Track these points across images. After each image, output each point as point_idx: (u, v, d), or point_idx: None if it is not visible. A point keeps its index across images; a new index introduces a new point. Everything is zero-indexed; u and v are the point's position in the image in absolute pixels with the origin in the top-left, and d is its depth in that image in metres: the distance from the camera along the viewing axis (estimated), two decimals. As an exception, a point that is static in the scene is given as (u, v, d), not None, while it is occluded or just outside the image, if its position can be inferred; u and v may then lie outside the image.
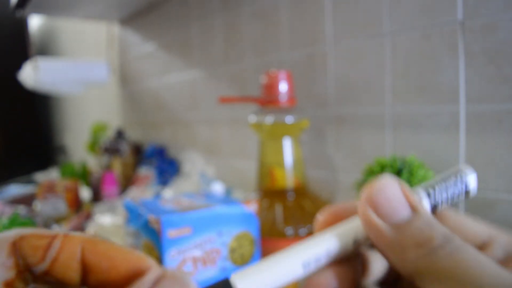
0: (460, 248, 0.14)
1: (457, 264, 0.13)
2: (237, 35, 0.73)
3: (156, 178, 0.88)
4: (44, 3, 0.95)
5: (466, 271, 0.13)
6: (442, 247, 0.14)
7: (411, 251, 0.14)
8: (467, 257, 0.13)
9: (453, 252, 0.14)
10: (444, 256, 0.14)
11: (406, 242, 0.14)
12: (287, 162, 0.47)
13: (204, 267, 0.36)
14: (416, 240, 0.14)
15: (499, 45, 0.38)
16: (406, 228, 0.15)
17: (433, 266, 0.14)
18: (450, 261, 0.13)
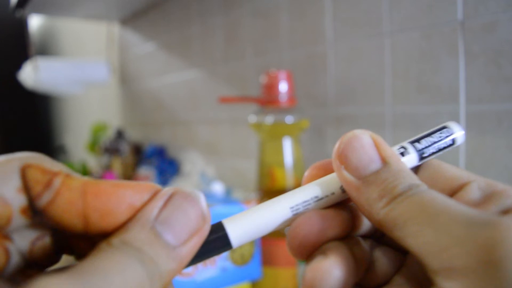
0: (423, 192, 0.13)
1: (417, 207, 0.13)
2: (237, 34, 0.73)
3: (156, 178, 0.88)
4: (44, 3, 0.95)
5: (426, 212, 0.13)
6: (404, 193, 0.13)
7: (375, 202, 0.14)
8: (429, 200, 0.13)
9: (414, 196, 0.13)
10: (404, 201, 0.13)
11: (372, 194, 0.14)
12: (287, 162, 0.47)
13: (204, 267, 0.36)
14: (380, 190, 0.14)
15: (499, 45, 0.38)
16: (372, 180, 0.14)
17: (393, 213, 0.13)
18: (410, 205, 0.13)
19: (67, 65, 1.13)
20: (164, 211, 0.13)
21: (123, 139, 1.05)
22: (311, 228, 0.15)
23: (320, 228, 0.15)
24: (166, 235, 0.13)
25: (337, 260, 0.14)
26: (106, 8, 1.04)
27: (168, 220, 0.13)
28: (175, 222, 0.13)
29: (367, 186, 0.14)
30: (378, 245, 0.17)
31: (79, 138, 1.60)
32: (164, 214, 0.13)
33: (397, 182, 0.14)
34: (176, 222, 0.13)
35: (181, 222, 0.13)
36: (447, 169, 0.16)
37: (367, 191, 0.14)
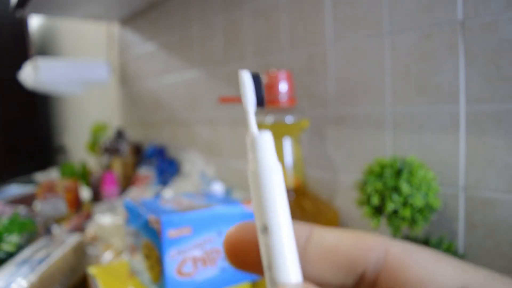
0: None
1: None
2: (237, 35, 0.73)
3: (156, 178, 0.88)
4: (44, 3, 0.95)
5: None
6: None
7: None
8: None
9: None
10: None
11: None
12: (287, 162, 0.47)
13: (204, 267, 0.36)
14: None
15: (499, 45, 0.38)
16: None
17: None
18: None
19: (67, 65, 1.13)
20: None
21: (123, 139, 1.05)
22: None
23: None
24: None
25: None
26: (106, 8, 1.04)
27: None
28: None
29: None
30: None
31: (79, 138, 1.60)
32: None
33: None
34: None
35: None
36: (433, 273, 0.12)
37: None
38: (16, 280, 0.43)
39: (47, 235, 0.63)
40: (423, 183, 0.38)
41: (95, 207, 0.76)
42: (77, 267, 0.52)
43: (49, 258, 0.48)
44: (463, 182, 0.42)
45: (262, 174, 0.14)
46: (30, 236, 0.61)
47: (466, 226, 0.42)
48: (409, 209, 0.37)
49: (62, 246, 0.52)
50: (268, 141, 0.15)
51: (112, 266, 0.44)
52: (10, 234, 0.58)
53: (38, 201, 0.81)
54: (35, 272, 0.45)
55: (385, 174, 0.39)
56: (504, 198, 0.39)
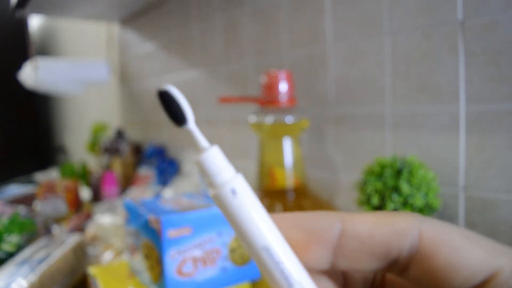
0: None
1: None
2: (237, 35, 0.73)
3: (156, 178, 0.88)
4: (44, 3, 0.95)
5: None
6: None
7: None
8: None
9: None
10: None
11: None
12: (287, 162, 0.47)
13: (204, 267, 0.36)
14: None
15: (499, 45, 0.38)
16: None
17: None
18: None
19: (67, 65, 1.13)
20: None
21: (123, 139, 1.05)
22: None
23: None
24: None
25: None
26: (106, 8, 1.04)
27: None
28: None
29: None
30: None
31: (79, 138, 1.60)
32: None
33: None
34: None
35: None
36: (462, 258, 0.12)
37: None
38: (16, 280, 0.43)
39: (47, 235, 0.63)
40: (423, 183, 0.38)
41: (95, 207, 0.76)
42: (77, 267, 0.52)
43: (49, 258, 0.48)
44: (463, 182, 0.42)
45: (225, 198, 0.13)
46: (30, 236, 0.61)
47: (466, 226, 0.42)
48: (409, 209, 0.37)
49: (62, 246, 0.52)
50: (215, 158, 0.13)
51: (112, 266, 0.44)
52: (10, 234, 0.58)
53: (38, 201, 0.81)
54: (35, 272, 0.45)
55: (385, 174, 0.39)
56: (504, 198, 0.39)
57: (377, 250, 0.13)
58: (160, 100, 0.13)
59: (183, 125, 0.13)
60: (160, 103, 0.13)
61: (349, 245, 0.13)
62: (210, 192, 0.13)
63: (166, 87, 0.13)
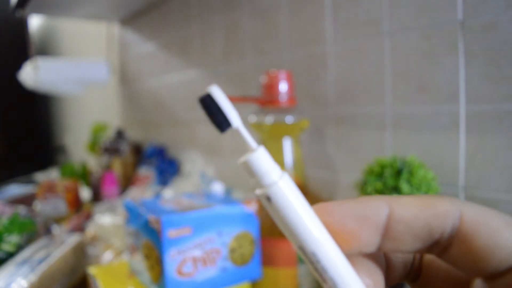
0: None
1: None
2: (237, 34, 0.73)
3: (156, 178, 0.88)
4: (44, 3, 0.95)
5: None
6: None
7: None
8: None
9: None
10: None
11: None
12: (287, 162, 0.47)
13: (204, 267, 0.36)
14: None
15: (499, 45, 0.38)
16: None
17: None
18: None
19: (67, 65, 1.13)
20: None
21: (123, 139, 1.05)
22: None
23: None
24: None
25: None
26: (106, 8, 1.04)
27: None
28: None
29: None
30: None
31: (79, 138, 1.60)
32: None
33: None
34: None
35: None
36: (500, 241, 0.13)
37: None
38: (16, 280, 0.43)
39: (47, 235, 0.63)
40: (423, 183, 0.38)
41: (95, 207, 0.76)
42: (77, 267, 0.52)
43: (49, 258, 0.48)
44: (463, 182, 0.42)
45: (275, 197, 0.13)
46: (30, 236, 0.61)
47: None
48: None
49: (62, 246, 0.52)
50: (262, 159, 0.13)
51: (112, 266, 0.44)
52: (10, 234, 0.58)
53: (38, 201, 0.81)
54: (35, 272, 0.45)
55: (385, 174, 0.39)
56: (504, 198, 0.39)
57: (420, 232, 0.13)
58: (203, 107, 0.13)
59: (226, 129, 0.13)
60: (203, 110, 0.13)
61: (395, 228, 0.13)
62: (257, 192, 0.13)
63: (206, 92, 0.13)
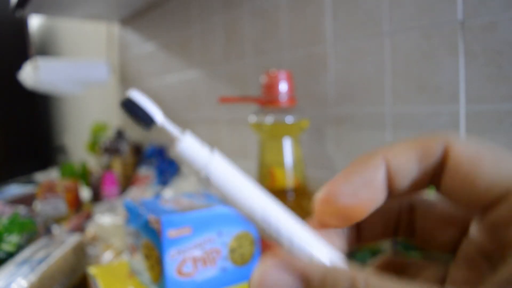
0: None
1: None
2: (237, 34, 0.73)
3: (156, 178, 0.88)
4: (44, 3, 0.95)
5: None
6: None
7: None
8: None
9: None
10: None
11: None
12: (287, 162, 0.47)
13: (204, 267, 0.36)
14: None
15: (499, 45, 0.38)
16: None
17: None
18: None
19: (67, 65, 1.13)
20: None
21: (123, 139, 1.05)
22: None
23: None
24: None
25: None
26: (106, 8, 1.04)
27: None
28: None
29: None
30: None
31: (79, 138, 1.60)
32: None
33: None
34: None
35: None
36: (482, 174, 0.13)
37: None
38: (16, 280, 0.43)
39: (47, 235, 0.63)
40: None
41: (95, 207, 0.76)
42: (77, 267, 0.52)
43: (49, 258, 0.48)
44: (463, 182, 0.41)
45: (214, 176, 0.13)
46: (30, 236, 0.61)
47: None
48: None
49: (62, 246, 0.52)
50: (191, 145, 0.14)
51: (112, 266, 0.44)
52: (10, 234, 0.58)
53: (38, 201, 0.81)
54: (35, 272, 0.45)
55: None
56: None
57: (417, 172, 0.14)
58: (125, 110, 0.14)
59: (151, 126, 0.14)
60: (126, 115, 0.14)
61: (396, 178, 0.14)
62: (196, 177, 0.14)
63: (127, 95, 0.14)
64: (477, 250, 0.14)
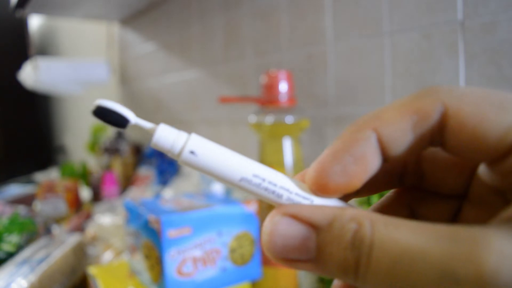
0: (374, 249, 0.11)
1: (383, 274, 0.11)
2: (237, 35, 0.73)
3: (156, 178, 0.88)
4: (44, 3, 0.95)
5: (396, 276, 0.11)
6: (358, 262, 0.12)
7: (340, 276, 0.12)
8: (387, 258, 0.11)
9: (371, 261, 0.11)
10: (366, 273, 0.12)
11: (331, 268, 0.12)
12: (287, 162, 0.47)
13: (204, 267, 0.36)
14: (334, 265, 0.12)
15: (499, 45, 0.38)
16: (319, 257, 0.13)
17: (366, 286, 0.12)
18: (376, 274, 0.11)
19: (67, 65, 1.13)
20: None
21: (123, 139, 1.05)
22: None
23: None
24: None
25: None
26: (106, 8, 1.04)
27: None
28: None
29: (319, 264, 0.13)
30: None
31: (79, 138, 1.60)
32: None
33: (341, 251, 0.12)
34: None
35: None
36: (486, 133, 0.12)
37: (323, 268, 0.13)
38: (16, 280, 0.43)
39: (47, 235, 0.63)
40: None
41: (95, 207, 0.76)
42: (77, 267, 0.52)
43: (49, 258, 0.48)
44: (463, 182, 0.41)
45: (197, 149, 0.14)
46: (30, 236, 0.61)
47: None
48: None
49: (62, 246, 0.52)
50: (165, 133, 0.14)
51: (112, 266, 0.44)
52: (10, 234, 0.58)
53: (38, 201, 0.81)
54: (35, 272, 0.45)
55: (385, 174, 0.39)
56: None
57: (411, 139, 0.14)
58: (98, 118, 0.15)
59: (127, 125, 0.15)
60: (100, 120, 0.15)
61: (390, 147, 0.14)
62: (180, 158, 0.14)
63: (96, 104, 0.15)
64: (488, 190, 0.14)
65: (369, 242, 0.11)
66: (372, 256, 0.11)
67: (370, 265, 0.11)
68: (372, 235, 0.11)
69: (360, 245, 0.12)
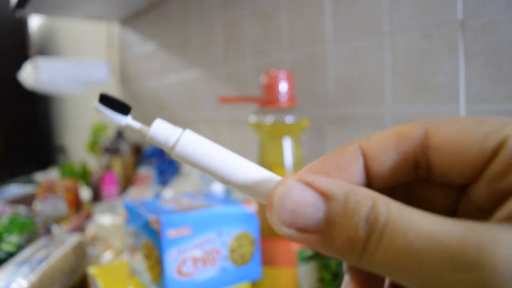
0: (388, 229, 0.11)
1: (392, 254, 0.11)
2: (237, 35, 0.73)
3: (156, 178, 0.88)
4: (44, 3, 0.95)
5: (404, 258, 0.11)
6: (369, 238, 0.12)
7: (346, 254, 0.12)
8: (400, 239, 0.11)
9: (383, 239, 0.11)
10: (374, 253, 0.12)
11: (337, 244, 0.12)
12: (287, 162, 0.47)
13: (204, 267, 0.36)
14: (342, 240, 0.12)
15: (499, 45, 0.38)
16: (328, 228, 0.13)
17: (370, 265, 0.12)
18: (384, 254, 0.11)
19: (67, 65, 1.13)
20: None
21: (123, 139, 1.05)
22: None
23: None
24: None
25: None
26: (106, 8, 1.04)
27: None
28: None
29: (326, 237, 0.13)
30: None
31: (79, 138, 1.60)
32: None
33: (353, 225, 0.12)
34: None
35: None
36: (463, 138, 0.13)
37: (329, 242, 0.13)
38: (16, 280, 0.43)
39: (47, 235, 0.63)
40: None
41: (95, 207, 0.76)
42: (77, 267, 0.52)
43: (49, 258, 0.48)
44: (463, 182, 0.41)
45: (190, 142, 0.14)
46: (30, 236, 0.61)
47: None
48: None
49: (62, 246, 0.52)
50: (159, 127, 0.15)
51: (112, 266, 0.44)
52: (10, 234, 0.58)
53: (38, 201, 0.81)
54: (35, 272, 0.45)
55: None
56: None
57: (396, 160, 0.15)
58: (104, 105, 0.16)
59: (130, 112, 0.16)
60: (105, 109, 0.16)
61: (373, 166, 0.15)
62: (173, 152, 0.15)
63: (100, 93, 0.15)
64: (477, 206, 0.14)
65: (384, 220, 0.12)
66: (384, 234, 0.11)
67: (381, 243, 0.11)
68: (388, 215, 0.12)
69: (374, 221, 0.12)
